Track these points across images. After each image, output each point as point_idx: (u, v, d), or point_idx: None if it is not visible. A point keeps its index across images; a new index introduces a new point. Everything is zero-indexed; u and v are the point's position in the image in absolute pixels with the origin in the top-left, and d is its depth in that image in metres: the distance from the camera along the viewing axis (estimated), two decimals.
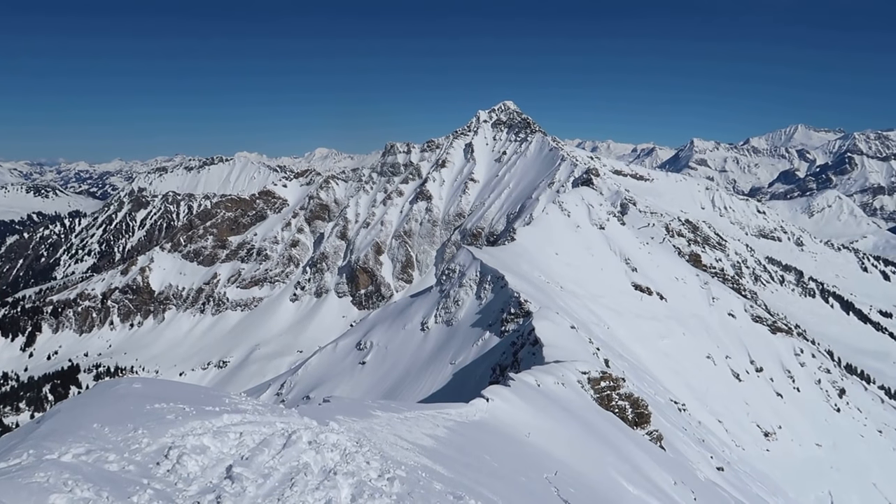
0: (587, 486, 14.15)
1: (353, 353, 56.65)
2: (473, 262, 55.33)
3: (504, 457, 12.76)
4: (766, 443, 58.75)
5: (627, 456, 19.90)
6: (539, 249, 66.73)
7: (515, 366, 33.26)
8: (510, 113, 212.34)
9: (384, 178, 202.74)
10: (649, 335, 61.61)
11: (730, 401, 60.59)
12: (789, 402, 66.92)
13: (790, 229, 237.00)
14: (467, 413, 15.97)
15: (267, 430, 6.84)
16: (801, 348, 78.19)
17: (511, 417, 16.90)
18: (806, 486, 55.94)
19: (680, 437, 34.75)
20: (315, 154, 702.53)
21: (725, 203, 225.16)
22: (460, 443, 12.34)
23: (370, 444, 8.06)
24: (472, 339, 45.56)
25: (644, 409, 27.97)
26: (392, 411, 13.15)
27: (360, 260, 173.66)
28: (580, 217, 77.13)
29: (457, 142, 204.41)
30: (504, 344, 40.17)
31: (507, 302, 46.03)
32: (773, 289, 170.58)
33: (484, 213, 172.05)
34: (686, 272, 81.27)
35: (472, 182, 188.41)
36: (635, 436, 24.96)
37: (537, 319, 37.05)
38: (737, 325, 74.71)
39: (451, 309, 52.20)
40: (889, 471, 66.12)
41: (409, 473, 7.24)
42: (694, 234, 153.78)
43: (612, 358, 39.39)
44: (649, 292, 70.01)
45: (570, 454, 16.00)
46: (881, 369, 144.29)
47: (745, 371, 67.06)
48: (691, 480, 24.44)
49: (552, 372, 25.06)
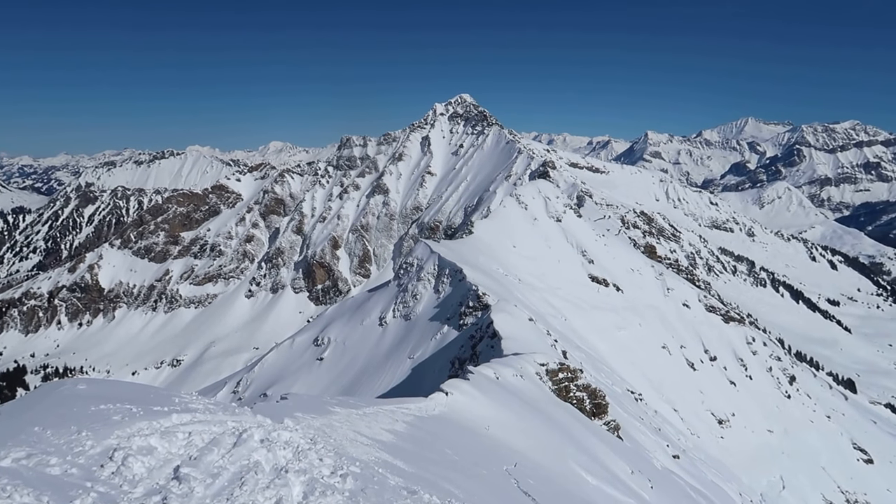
0: (546, 477, 14.16)
1: (310, 349, 56.09)
2: (431, 255, 55.19)
3: (464, 450, 12.70)
4: (720, 430, 59.97)
5: (586, 446, 20.01)
6: (497, 242, 66.91)
7: (474, 359, 33.25)
8: (467, 106, 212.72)
9: (340, 172, 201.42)
10: (606, 326, 62.30)
11: (685, 390, 61.66)
12: (742, 390, 68.40)
13: (742, 220, 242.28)
14: (427, 407, 15.87)
15: (217, 430, 6.61)
16: (753, 337, 79.96)
17: (470, 411, 16.84)
18: (758, 472, 57.31)
19: (637, 427, 35.16)
20: (269, 148, 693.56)
21: (679, 195, 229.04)
22: (420, 437, 12.24)
23: (325, 440, 7.89)
24: (431, 333, 45.45)
25: (602, 399, 28.20)
26: (351, 407, 12.97)
27: (316, 255, 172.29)
28: (537, 210, 77.54)
29: (413, 135, 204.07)
30: (463, 337, 40.15)
31: (466, 295, 46.01)
32: (725, 279, 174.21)
33: (441, 207, 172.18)
34: (641, 263, 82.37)
35: (429, 175, 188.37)
36: (593, 426, 25.15)
37: (496, 312, 37.10)
38: (691, 315, 76.05)
39: (409, 303, 52.01)
40: (837, 455, 68.12)
41: (363, 469, 7.09)
42: (649, 226, 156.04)
43: (570, 349, 39.68)
44: (606, 284, 70.78)
45: (529, 446, 16.01)
46: (829, 356, 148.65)
47: (699, 360, 68.31)
48: (648, 469, 24.73)
49: (511, 364, 25.08)
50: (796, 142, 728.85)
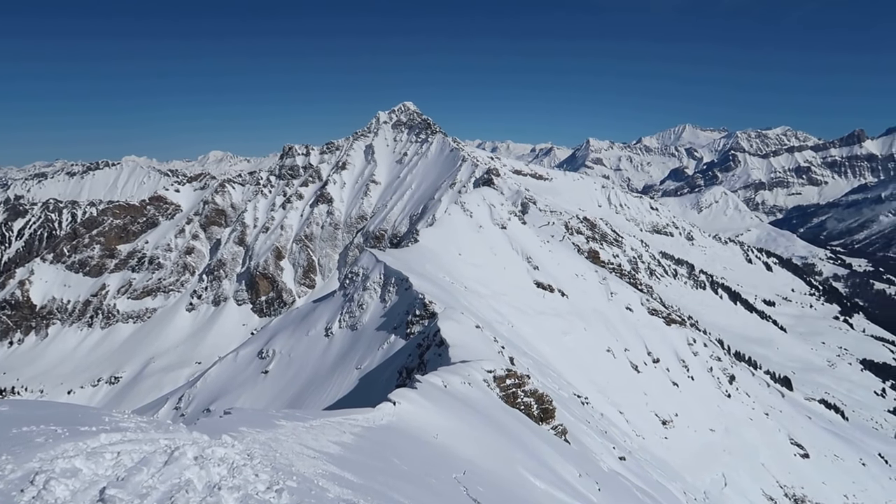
0: (495, 483, 14.06)
1: (254, 362, 55.02)
2: (377, 264, 54.81)
3: (413, 459, 12.50)
4: (664, 431, 60.97)
5: (534, 451, 20.01)
6: (443, 250, 66.91)
7: (422, 367, 33.04)
8: (410, 114, 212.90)
9: (283, 182, 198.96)
10: (552, 331, 62.83)
11: (630, 392, 62.54)
12: (684, 391, 69.76)
13: (681, 224, 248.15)
14: (374, 418, 15.61)
15: (148, 448, 6.26)
16: (694, 338, 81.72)
17: (418, 420, 16.65)
18: (701, 470, 58.43)
19: (584, 430, 35.44)
20: (209, 157, 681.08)
21: (621, 201, 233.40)
22: (368, 448, 11.99)
23: (264, 455, 7.60)
24: (378, 342, 45.07)
25: (549, 404, 28.29)
26: (297, 420, 12.62)
27: (259, 266, 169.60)
28: (482, 217, 77.87)
29: (357, 143, 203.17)
30: (410, 346, 39.90)
31: (412, 304, 45.79)
32: (667, 282, 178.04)
33: (386, 215, 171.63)
34: (585, 269, 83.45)
35: (373, 184, 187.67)
36: (541, 431, 25.20)
37: (442, 320, 36.98)
38: (634, 319, 77.30)
39: (355, 313, 51.50)
40: (775, 451, 70.06)
41: (300, 484, 6.82)
42: (592, 232, 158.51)
43: (517, 355, 39.79)
44: (551, 289, 71.42)
45: (478, 453, 15.90)
46: (766, 355, 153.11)
47: (643, 362, 69.42)
48: (595, 472, 24.90)
49: (458, 372, 24.97)
50: (731, 147, 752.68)
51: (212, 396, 53.05)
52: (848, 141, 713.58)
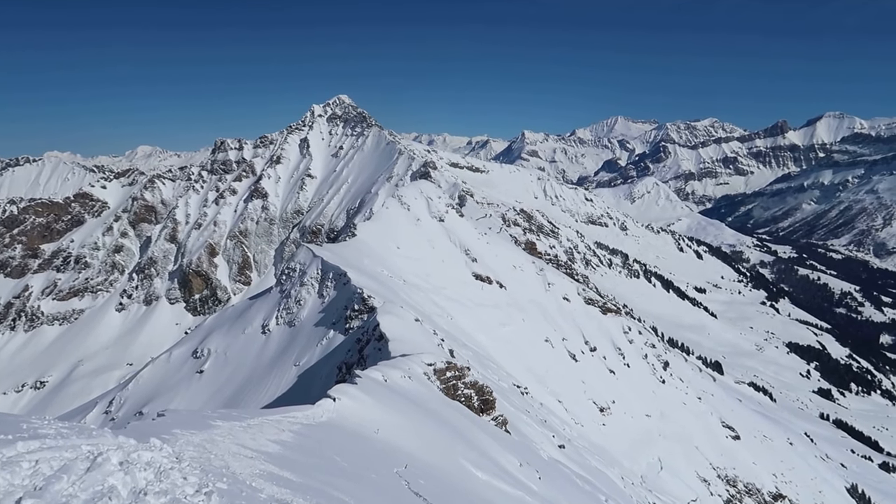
0: (437, 476, 14.01)
1: (189, 362, 53.69)
2: (314, 259, 54.12)
3: (353, 455, 12.34)
4: (601, 418, 62.09)
5: (475, 443, 20.05)
6: (380, 244, 66.55)
7: (362, 363, 32.78)
8: (345, 107, 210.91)
9: (215, 177, 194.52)
10: (491, 323, 63.22)
11: (568, 381, 63.45)
12: (621, 378, 71.19)
13: (615, 215, 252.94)
14: (314, 415, 15.36)
15: (69, 455, 5.93)
16: (630, 326, 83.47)
17: (359, 415, 16.46)
18: (638, 455, 59.76)
19: (524, 420, 35.75)
20: (137, 152, 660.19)
21: (556, 192, 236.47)
22: (308, 445, 11.78)
23: (192, 457, 7.33)
24: (317, 338, 44.53)
25: (489, 395, 28.42)
26: (234, 420, 12.29)
27: (192, 263, 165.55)
28: (420, 210, 77.74)
29: (291, 137, 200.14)
30: (349, 341, 39.55)
31: (351, 299, 45.39)
32: (602, 272, 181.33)
33: (323, 210, 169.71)
34: (523, 260, 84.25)
35: (309, 178, 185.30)
36: (481, 422, 25.28)
37: (382, 314, 36.77)
38: (571, 309, 78.47)
39: (292, 309, 50.74)
40: (708, 434, 72.24)
41: (231, 485, 6.59)
42: (529, 223, 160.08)
43: (457, 348, 39.87)
44: (489, 281, 71.84)
45: (419, 447, 15.82)
46: (698, 341, 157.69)
47: (580, 351, 70.52)
48: (536, 460, 25.12)
49: (398, 366, 24.84)
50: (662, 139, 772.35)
51: (144, 399, 51.56)
52: (772, 132, 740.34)
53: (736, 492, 63.98)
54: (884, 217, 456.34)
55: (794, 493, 70.70)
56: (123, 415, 50.77)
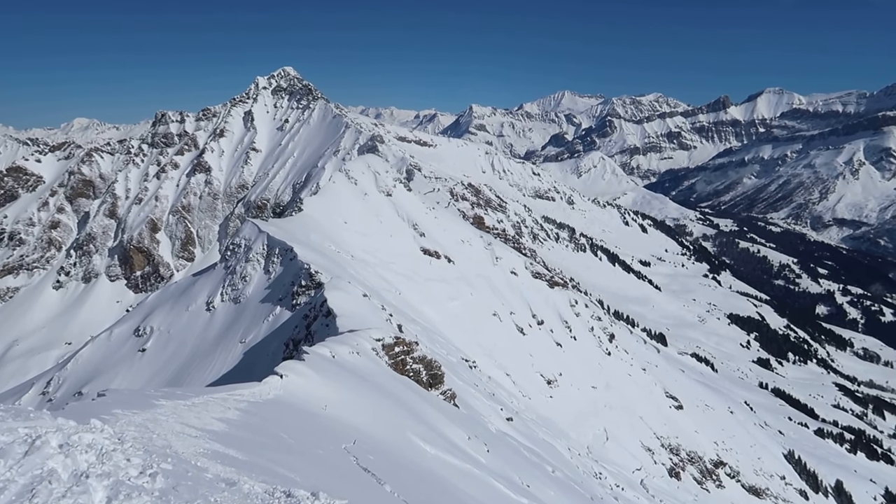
0: (386, 451, 14.09)
1: (130, 341, 52.58)
2: (260, 235, 53.35)
3: (301, 432, 12.33)
4: (549, 390, 63.17)
5: (424, 417, 20.19)
6: (328, 219, 65.94)
7: (309, 339, 32.60)
8: (290, 79, 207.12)
9: (156, 150, 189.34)
10: (439, 297, 63.47)
11: (516, 354, 64.28)
12: (568, 351, 72.40)
13: (562, 189, 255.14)
14: (261, 392, 15.23)
15: (6, 439, 5.77)
16: (576, 300, 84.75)
17: (307, 392, 16.40)
18: (584, 426, 61.10)
19: (472, 394, 36.15)
20: (73, 125, 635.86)
21: (504, 166, 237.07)
22: (254, 423, 11.70)
23: (138, 438, 7.22)
24: (263, 315, 44.06)
25: (437, 370, 28.61)
26: (178, 398, 12.10)
27: (133, 239, 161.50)
28: (367, 184, 77.18)
29: (235, 110, 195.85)
30: (296, 317, 39.25)
31: (298, 274, 44.97)
32: (549, 246, 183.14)
33: (268, 184, 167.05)
34: (471, 234, 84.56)
35: (254, 152, 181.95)
36: (430, 397, 25.47)
37: (329, 290, 36.56)
38: (519, 283, 79.22)
39: (238, 285, 50.04)
40: (652, 404, 74.16)
41: (175, 466, 6.52)
42: (477, 198, 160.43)
43: (405, 323, 39.97)
44: (437, 256, 71.98)
45: (368, 422, 15.86)
46: (643, 313, 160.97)
47: (528, 325, 71.40)
48: (484, 433, 25.47)
49: (346, 342, 24.78)
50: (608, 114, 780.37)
51: (84, 379, 50.37)
52: (714, 107, 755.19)
53: (679, 460, 66.01)
54: (820, 191, 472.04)
55: (734, 460, 73.26)
56: (62, 396, 49.55)
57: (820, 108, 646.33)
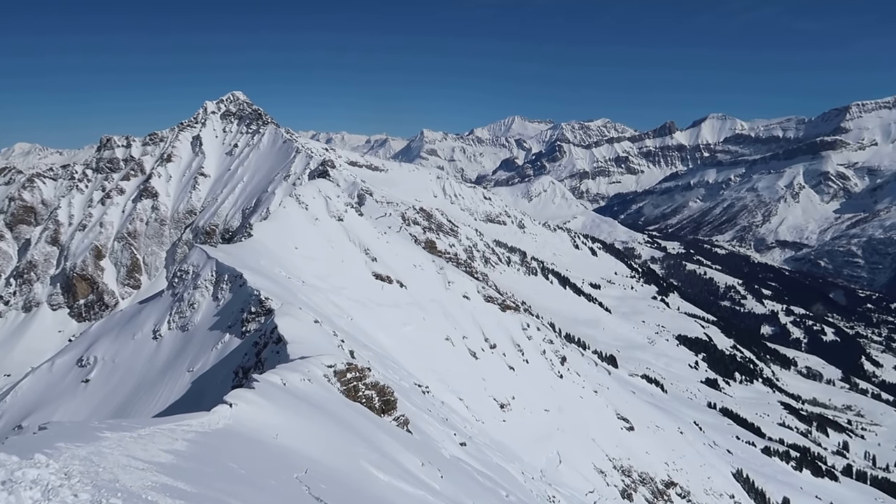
0: (339, 479, 13.97)
1: (73, 371, 50.99)
2: (208, 261, 52.49)
3: (252, 462, 12.13)
4: (502, 414, 63.24)
5: (376, 444, 20.05)
6: (278, 244, 65.30)
7: (259, 366, 32.11)
8: (240, 104, 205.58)
9: (101, 175, 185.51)
10: (392, 322, 63.22)
11: (469, 378, 64.25)
12: (520, 374, 72.66)
13: (513, 213, 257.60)
14: (210, 422, 14.92)
15: None
16: (528, 323, 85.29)
17: (257, 420, 16.15)
18: (538, 450, 61.22)
19: (425, 419, 36.01)
20: (14, 150, 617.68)
21: (455, 191, 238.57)
22: (203, 454, 11.48)
23: (86, 472, 7.06)
24: (212, 342, 43.24)
25: (390, 395, 28.45)
26: (123, 430, 11.81)
27: (76, 266, 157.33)
28: (318, 209, 76.77)
29: (183, 134, 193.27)
30: (246, 345, 38.65)
31: (247, 301, 44.34)
32: (501, 269, 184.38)
33: (217, 210, 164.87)
34: (423, 259, 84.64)
35: (202, 177, 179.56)
36: (383, 423, 25.30)
37: (279, 316, 36.15)
38: (471, 307, 79.43)
39: (185, 313, 49.07)
40: (604, 426, 74.81)
41: (125, 500, 6.40)
42: (428, 222, 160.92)
43: (357, 348, 39.70)
44: (389, 281, 71.81)
45: (320, 450, 15.70)
46: (594, 335, 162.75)
47: (480, 349, 71.53)
48: (438, 459, 25.38)
49: (297, 369, 24.50)
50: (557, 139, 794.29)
51: (24, 411, 48.58)
52: (660, 132, 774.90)
53: (631, 481, 66.57)
54: (763, 214, 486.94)
55: (684, 479, 74.21)
56: (1, 429, 47.72)
57: (761, 134, 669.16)
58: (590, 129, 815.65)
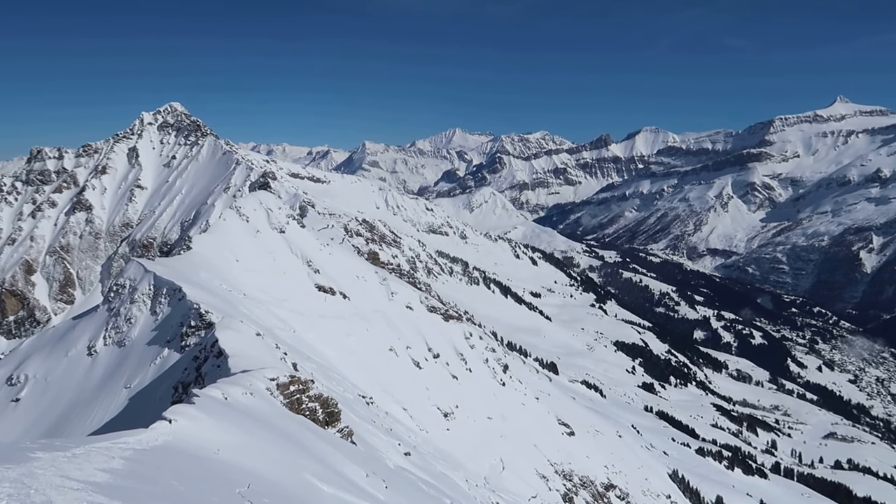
0: (282, 493, 13.94)
1: (3, 390, 49.18)
2: (146, 274, 51.38)
3: (193, 479, 12.02)
4: (446, 423, 63.43)
5: (320, 457, 20.02)
6: (218, 257, 64.30)
7: (200, 381, 31.62)
8: (178, 115, 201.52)
9: (32, 188, 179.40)
10: (335, 334, 62.87)
11: (412, 388, 64.30)
12: (463, 383, 73.04)
13: (455, 224, 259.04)
14: (148, 439, 14.67)
15: None
16: (471, 332, 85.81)
17: (198, 436, 15.96)
18: (481, 457, 61.57)
19: (369, 430, 35.96)
20: None
21: (398, 202, 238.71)
22: (142, 472, 11.31)
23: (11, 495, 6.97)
24: (150, 358, 42.32)
25: (334, 407, 28.38)
26: (56, 450, 11.55)
27: (5, 282, 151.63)
28: (259, 222, 75.90)
29: (119, 146, 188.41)
30: (186, 359, 37.98)
31: (187, 314, 43.56)
32: (444, 280, 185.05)
33: (155, 222, 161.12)
34: (366, 270, 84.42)
35: (139, 189, 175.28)
36: (327, 435, 25.23)
37: (220, 330, 35.67)
38: (415, 317, 79.53)
39: (122, 328, 47.89)
40: (546, 432, 75.73)
41: None
42: (371, 233, 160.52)
43: (300, 361, 39.42)
44: (332, 292, 71.42)
45: (263, 464, 15.62)
46: (535, 343, 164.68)
47: (424, 359, 71.66)
48: (382, 470, 25.41)
49: (239, 382, 24.25)
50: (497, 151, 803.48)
51: None
52: (597, 144, 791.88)
53: (572, 485, 67.50)
54: (694, 223, 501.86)
55: (623, 482, 75.62)
56: None
57: (692, 146, 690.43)
58: (529, 141, 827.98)
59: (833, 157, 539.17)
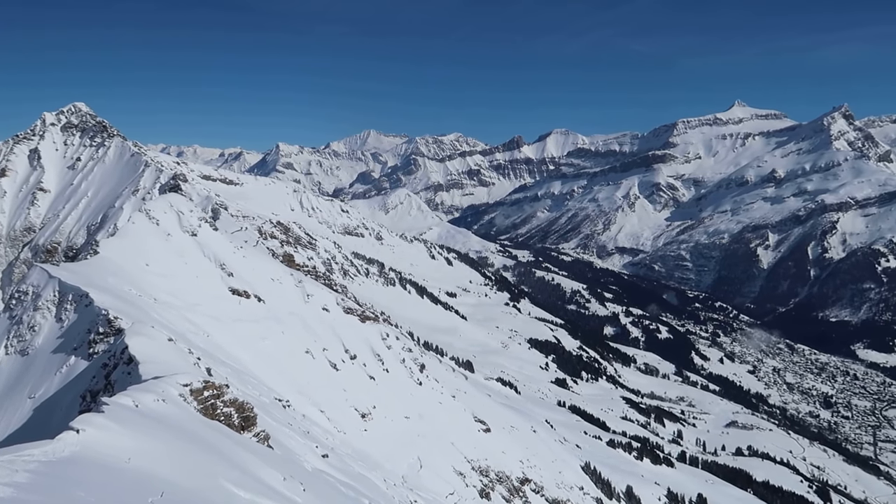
0: (197, 501, 14.10)
1: None
2: (50, 280, 49.52)
3: (103, 490, 12.05)
4: (363, 424, 63.63)
5: (236, 462, 20.11)
6: (127, 261, 62.45)
7: (109, 389, 30.92)
8: (82, 116, 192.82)
9: None
10: (250, 338, 62.08)
11: (330, 390, 64.20)
12: (381, 383, 73.32)
13: (371, 225, 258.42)
14: (54, 450, 14.44)
15: None
16: (388, 333, 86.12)
17: (108, 446, 15.83)
18: (399, 457, 62.10)
19: (286, 433, 35.94)
20: None
21: (313, 204, 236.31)
22: (48, 485, 11.28)
23: None
24: (55, 366, 40.90)
25: (249, 412, 28.37)
26: None
27: None
28: (170, 225, 74.02)
29: (18, 147, 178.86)
30: (94, 367, 36.96)
31: (95, 321, 42.30)
32: (360, 281, 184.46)
33: (59, 227, 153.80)
34: (281, 273, 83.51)
35: (41, 192, 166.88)
36: (243, 440, 25.25)
37: (130, 336, 34.89)
38: (331, 319, 79.23)
39: (25, 336, 46.03)
40: (462, 429, 76.87)
41: None
42: (286, 236, 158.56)
43: (215, 365, 38.94)
44: (247, 296, 70.42)
45: (176, 472, 15.65)
46: (451, 342, 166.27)
47: (341, 360, 71.57)
48: (300, 473, 25.60)
49: (151, 389, 23.97)
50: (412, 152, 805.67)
51: None
52: (510, 146, 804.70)
53: (489, 481, 68.84)
54: (604, 223, 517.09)
55: (538, 476, 77.58)
56: None
57: (601, 148, 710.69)
58: (443, 143, 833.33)
59: (732, 158, 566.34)
